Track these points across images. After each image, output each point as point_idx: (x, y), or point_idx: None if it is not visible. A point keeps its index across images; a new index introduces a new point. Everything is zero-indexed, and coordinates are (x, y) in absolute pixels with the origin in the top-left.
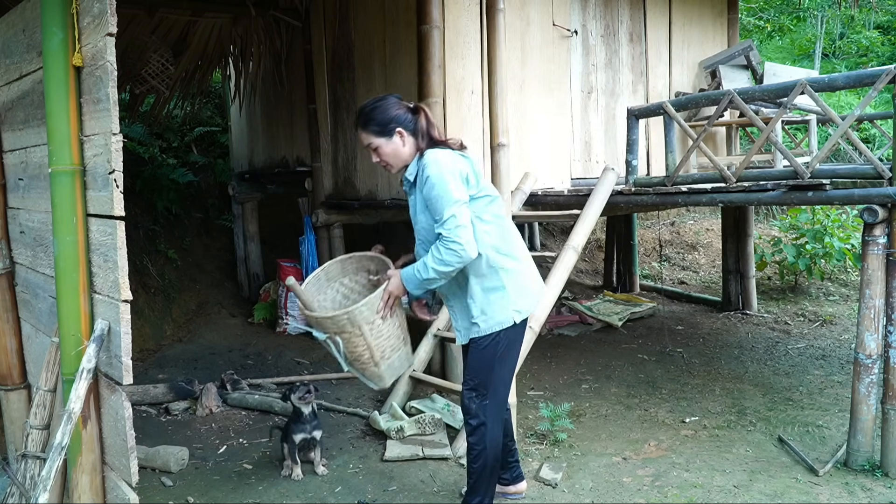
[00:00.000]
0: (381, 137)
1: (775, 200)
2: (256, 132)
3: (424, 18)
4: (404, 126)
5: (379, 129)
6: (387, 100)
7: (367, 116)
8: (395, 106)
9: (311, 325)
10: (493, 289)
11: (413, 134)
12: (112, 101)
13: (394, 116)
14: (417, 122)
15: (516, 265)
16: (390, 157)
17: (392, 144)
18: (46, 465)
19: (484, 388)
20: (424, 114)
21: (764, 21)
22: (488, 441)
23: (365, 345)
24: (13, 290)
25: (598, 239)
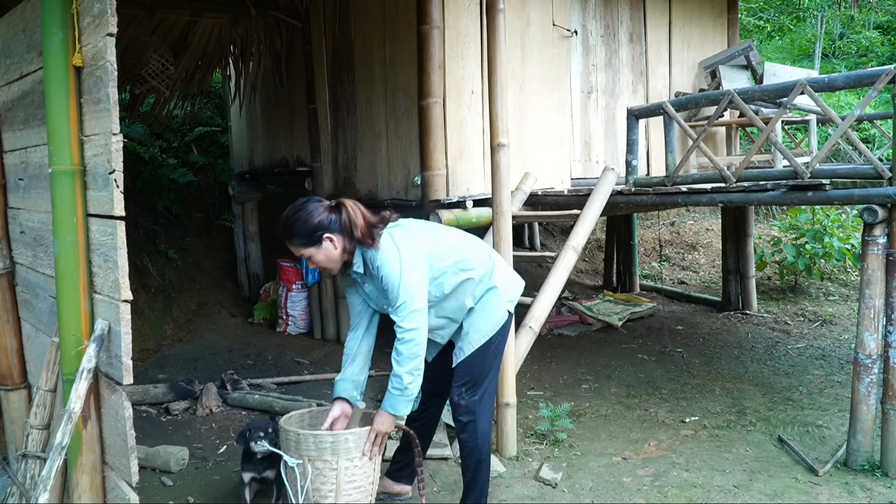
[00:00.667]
0: (309, 248)
1: (775, 200)
2: (256, 132)
3: (424, 18)
4: (330, 230)
5: (305, 240)
6: (306, 208)
7: (290, 230)
8: (315, 212)
9: (289, 445)
10: (483, 296)
11: (341, 233)
12: (112, 101)
13: (317, 224)
14: (342, 219)
15: (489, 265)
16: (326, 263)
17: (323, 251)
18: (46, 465)
19: (475, 385)
20: (347, 208)
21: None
22: (479, 436)
23: (333, 483)
24: (13, 290)
25: (598, 239)
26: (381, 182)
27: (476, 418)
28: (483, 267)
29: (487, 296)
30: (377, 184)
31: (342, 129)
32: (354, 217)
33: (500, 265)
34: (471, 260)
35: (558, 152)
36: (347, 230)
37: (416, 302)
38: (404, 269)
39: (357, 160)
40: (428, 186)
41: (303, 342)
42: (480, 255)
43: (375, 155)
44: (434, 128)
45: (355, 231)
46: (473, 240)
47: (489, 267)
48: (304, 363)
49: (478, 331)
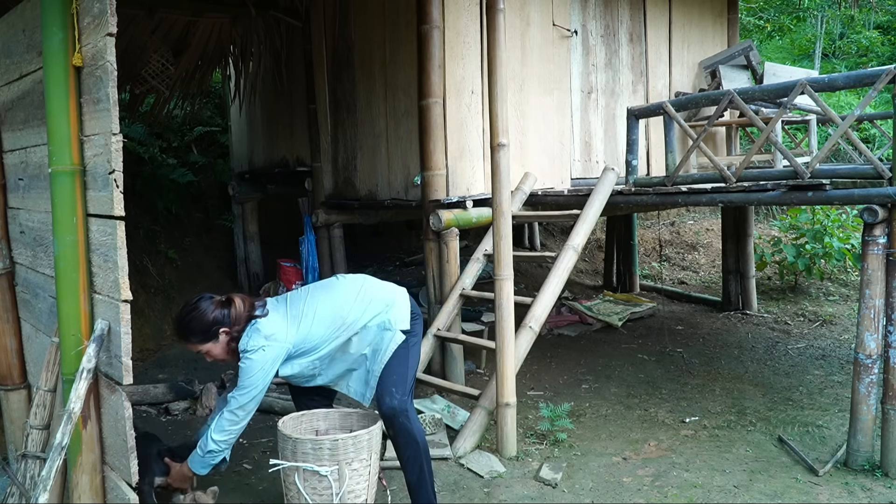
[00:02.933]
0: (206, 343)
1: (775, 200)
2: (256, 132)
3: (424, 18)
4: (224, 324)
5: (203, 336)
6: (199, 307)
7: (187, 329)
8: (209, 310)
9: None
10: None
11: (232, 326)
12: (112, 101)
13: (212, 320)
14: (231, 313)
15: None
16: (223, 355)
17: (220, 345)
18: (46, 465)
19: (404, 382)
20: (235, 302)
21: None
22: (417, 433)
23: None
24: (13, 290)
25: (598, 239)
26: (381, 182)
27: (410, 418)
28: (363, 318)
29: (382, 336)
30: (377, 184)
31: (342, 129)
32: (242, 308)
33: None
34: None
35: (558, 152)
36: (237, 321)
37: (255, 393)
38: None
39: (357, 160)
40: (428, 186)
41: None
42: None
43: (375, 155)
44: (434, 128)
45: (242, 319)
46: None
47: (371, 315)
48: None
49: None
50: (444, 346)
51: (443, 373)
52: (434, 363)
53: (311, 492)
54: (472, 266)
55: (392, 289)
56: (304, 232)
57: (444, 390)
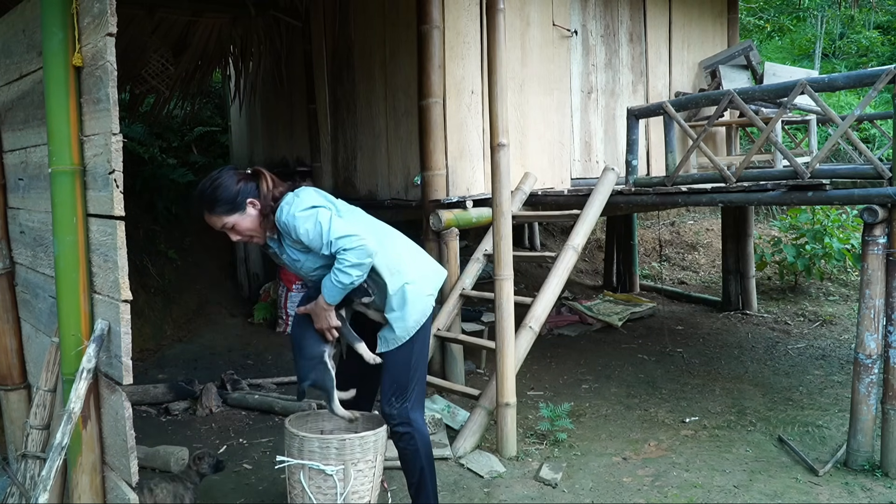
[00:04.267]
0: (233, 214)
1: (775, 200)
2: (256, 132)
3: (424, 18)
4: (252, 195)
5: (229, 206)
6: (223, 175)
7: (212, 198)
8: (234, 178)
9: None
10: (402, 289)
11: (262, 199)
12: (112, 101)
13: (238, 189)
14: (260, 186)
15: (408, 256)
16: (251, 231)
17: (248, 217)
18: (46, 465)
19: (403, 389)
20: (264, 175)
21: (764, 21)
22: (420, 442)
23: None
24: (13, 290)
25: (598, 239)
26: (381, 182)
27: (412, 425)
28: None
29: (407, 291)
30: (377, 184)
31: (342, 129)
32: (270, 184)
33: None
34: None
35: (558, 152)
36: (266, 195)
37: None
38: (315, 216)
39: (357, 160)
40: (428, 186)
41: None
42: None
43: (375, 155)
44: (434, 128)
45: (269, 198)
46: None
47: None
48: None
49: (400, 322)
50: (444, 346)
51: (443, 373)
52: (434, 363)
53: (315, 490)
54: (472, 266)
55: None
56: None
57: (444, 390)
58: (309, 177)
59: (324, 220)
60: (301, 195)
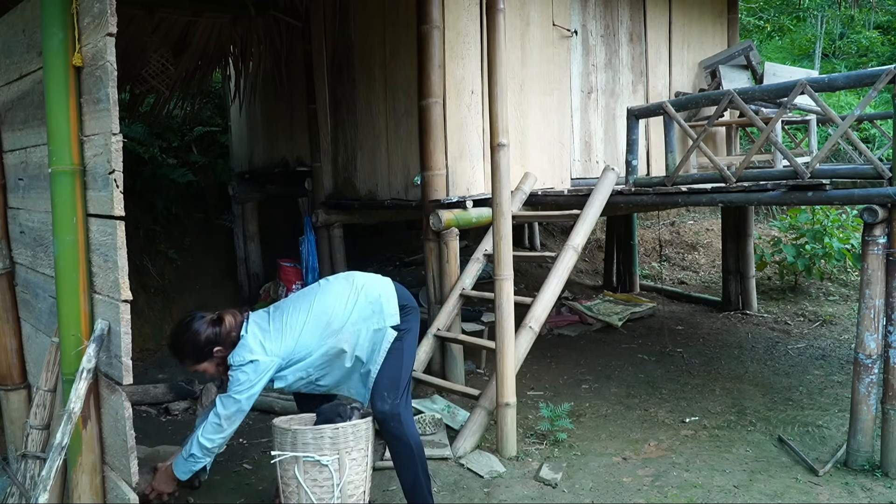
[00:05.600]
0: (202, 363)
1: (775, 200)
2: (256, 132)
3: (424, 18)
4: (217, 343)
5: (198, 357)
6: (191, 326)
7: (182, 352)
8: (201, 330)
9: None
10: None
11: (224, 343)
12: (112, 101)
13: (205, 340)
14: (221, 331)
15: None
16: (217, 373)
17: (214, 362)
18: (46, 465)
19: (397, 386)
20: (226, 319)
21: (764, 21)
22: (411, 438)
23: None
24: (13, 290)
25: (598, 239)
26: (381, 182)
27: (403, 424)
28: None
29: (373, 337)
30: (377, 184)
31: (342, 129)
32: (232, 326)
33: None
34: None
35: (558, 152)
36: (228, 338)
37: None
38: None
39: (357, 160)
40: (428, 186)
41: None
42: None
43: (375, 155)
44: (434, 128)
45: (230, 340)
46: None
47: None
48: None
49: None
50: (444, 346)
51: (443, 373)
52: (434, 363)
53: (311, 484)
54: (472, 266)
55: (378, 283)
56: (304, 232)
57: (444, 390)
58: (309, 177)
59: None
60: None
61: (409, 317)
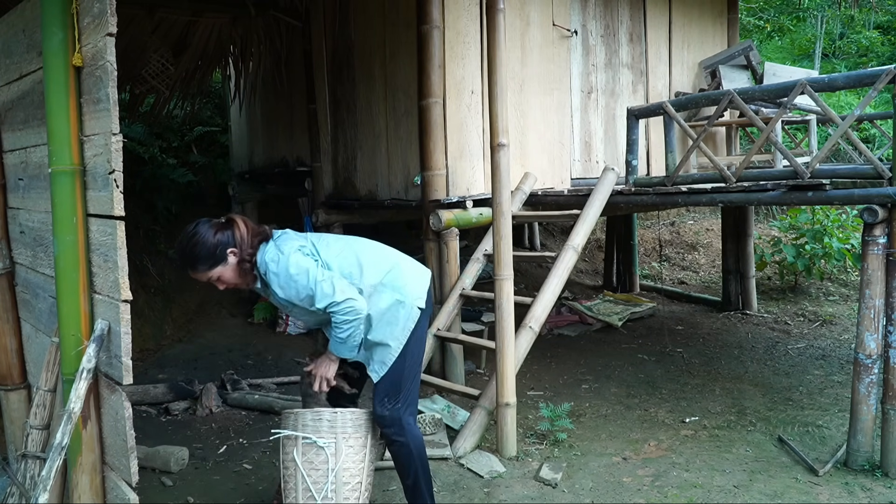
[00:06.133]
0: (216, 268)
1: (775, 200)
2: (256, 132)
3: (424, 18)
4: (231, 245)
5: (211, 261)
6: (198, 230)
7: (192, 257)
8: (209, 231)
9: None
10: (389, 307)
11: (239, 246)
12: (112, 101)
13: (216, 242)
14: (235, 234)
15: (387, 265)
16: (236, 279)
17: (230, 266)
18: (46, 465)
19: (397, 392)
20: (238, 223)
21: (764, 21)
22: (412, 442)
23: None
24: (13, 290)
25: (598, 239)
26: (381, 182)
27: (404, 428)
28: (376, 276)
29: (392, 307)
30: (377, 184)
31: (342, 129)
32: (245, 228)
33: (401, 268)
34: (361, 268)
35: (558, 152)
36: (242, 241)
37: (322, 286)
38: (298, 268)
39: (357, 160)
40: (428, 186)
41: (303, 342)
42: (373, 263)
43: (375, 155)
44: (434, 128)
45: (246, 248)
46: (366, 246)
47: (384, 276)
48: (305, 363)
49: (392, 340)
50: (444, 346)
51: (443, 373)
52: (434, 363)
53: (307, 466)
54: (472, 266)
55: (420, 267)
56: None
57: (444, 390)
58: (309, 177)
59: (311, 285)
60: (284, 251)
61: (417, 323)
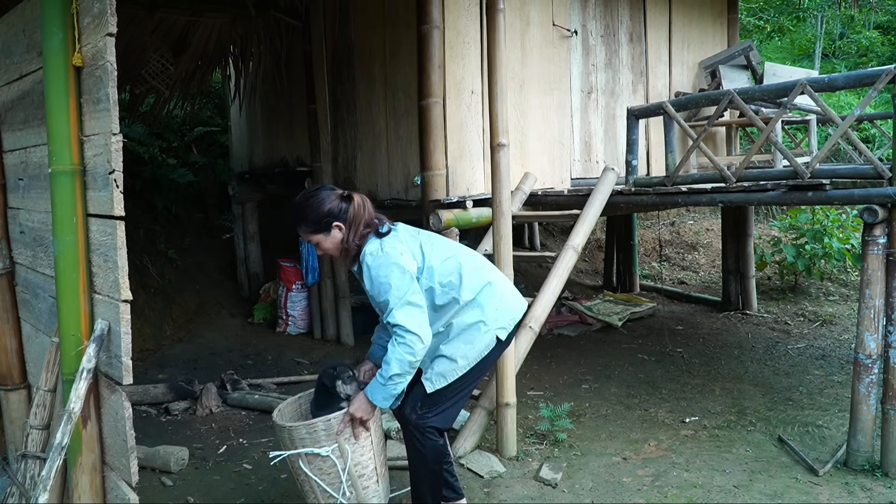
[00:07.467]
0: (318, 234)
1: (775, 200)
2: (256, 132)
3: (424, 18)
4: (339, 218)
5: (314, 226)
6: (318, 194)
7: (300, 215)
8: (327, 199)
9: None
10: (471, 325)
11: (348, 224)
12: (112, 101)
13: (327, 211)
14: (350, 210)
15: (483, 285)
16: (333, 251)
17: (331, 239)
18: (46, 465)
19: (434, 406)
20: (356, 201)
21: (764, 21)
22: (428, 453)
23: (371, 451)
24: (13, 290)
25: (598, 239)
26: (381, 182)
27: (425, 436)
28: (472, 291)
29: (473, 326)
30: (377, 184)
31: (342, 129)
32: (362, 210)
33: (497, 291)
34: (461, 279)
35: (558, 152)
36: (355, 220)
37: (408, 309)
38: (392, 274)
39: (357, 160)
40: (428, 186)
41: (303, 342)
42: (473, 276)
43: (375, 155)
44: (434, 128)
45: (360, 223)
46: (471, 258)
47: (477, 293)
48: (304, 363)
49: (462, 358)
50: None
51: None
52: None
53: (318, 473)
54: None
55: (516, 297)
56: None
57: None
58: (309, 177)
59: (389, 297)
60: (385, 250)
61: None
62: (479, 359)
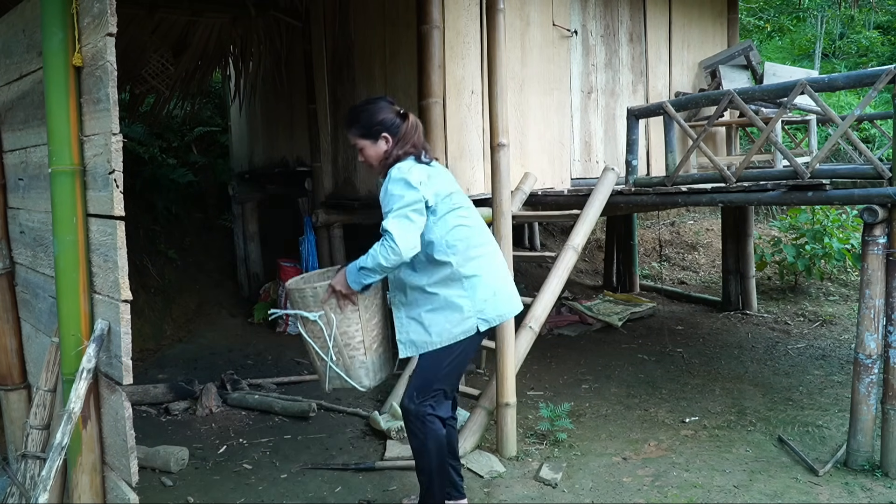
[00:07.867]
0: (365, 139)
1: (775, 200)
2: (256, 132)
3: (424, 18)
4: (390, 131)
5: (364, 131)
6: (377, 103)
7: (354, 117)
8: (384, 110)
9: (297, 305)
10: (456, 300)
11: (397, 140)
12: (112, 101)
13: (381, 120)
14: (402, 127)
15: (483, 271)
16: (373, 160)
17: (376, 148)
18: (46, 465)
19: (427, 390)
20: (411, 121)
21: (764, 21)
22: (430, 440)
23: (358, 325)
24: (13, 290)
25: (598, 239)
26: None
27: (425, 424)
28: (472, 269)
29: (457, 307)
30: (377, 184)
31: (342, 129)
32: (413, 131)
33: (493, 285)
34: (467, 251)
35: (558, 152)
36: (404, 138)
37: (404, 220)
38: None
39: (357, 160)
40: None
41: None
42: (480, 259)
43: None
44: (434, 128)
45: (408, 143)
46: (491, 249)
47: (473, 273)
48: (304, 363)
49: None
50: None
51: None
52: None
53: (311, 335)
54: None
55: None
56: (304, 232)
57: None
58: (309, 177)
59: (394, 205)
60: (414, 170)
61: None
62: (454, 341)
